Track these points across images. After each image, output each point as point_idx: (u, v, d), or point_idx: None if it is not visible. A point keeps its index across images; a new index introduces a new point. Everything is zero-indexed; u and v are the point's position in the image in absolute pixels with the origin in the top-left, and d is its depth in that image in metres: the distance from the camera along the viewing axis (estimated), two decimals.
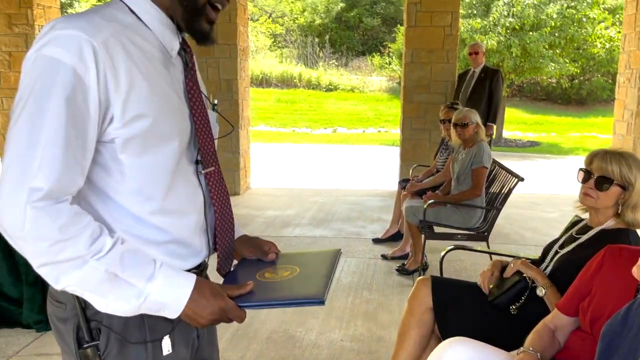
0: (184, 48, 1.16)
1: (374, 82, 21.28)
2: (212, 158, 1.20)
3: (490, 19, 13.16)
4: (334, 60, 22.88)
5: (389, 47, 21.72)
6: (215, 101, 1.33)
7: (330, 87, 20.95)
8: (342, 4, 24.89)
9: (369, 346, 3.03)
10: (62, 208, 0.96)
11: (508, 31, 12.89)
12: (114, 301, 1.01)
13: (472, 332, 1.87)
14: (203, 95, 1.20)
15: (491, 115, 6.21)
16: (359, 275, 4.15)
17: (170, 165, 1.09)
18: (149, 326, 1.10)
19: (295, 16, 25.61)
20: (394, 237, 4.96)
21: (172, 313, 1.06)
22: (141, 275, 1.02)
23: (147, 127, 1.03)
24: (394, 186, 6.33)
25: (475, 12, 13.74)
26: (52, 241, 0.94)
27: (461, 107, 4.57)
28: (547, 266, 2.15)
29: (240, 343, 3.06)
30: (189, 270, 1.14)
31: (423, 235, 4.01)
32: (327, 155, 12.20)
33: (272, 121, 17.04)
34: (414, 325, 2.20)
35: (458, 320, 2.15)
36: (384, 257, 4.54)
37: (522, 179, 3.76)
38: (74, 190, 0.99)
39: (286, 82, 20.97)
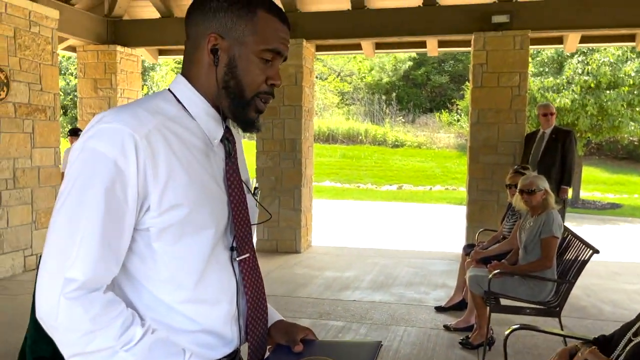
0: (227, 136, 1.17)
1: (442, 138, 21.10)
2: (248, 245, 1.18)
3: (564, 77, 12.80)
4: (400, 117, 23.00)
5: (457, 104, 21.59)
6: (257, 184, 1.32)
7: (396, 143, 20.98)
8: (409, 63, 25.21)
9: None
10: (96, 297, 0.96)
11: (583, 89, 12.47)
12: None
13: None
14: (243, 182, 1.20)
15: (565, 177, 5.93)
16: (419, 347, 3.93)
17: (204, 253, 1.08)
18: None
19: (363, 75, 26.17)
20: (458, 306, 4.71)
21: None
22: None
23: (183, 217, 1.03)
24: (461, 249, 6.10)
25: (547, 70, 13.43)
26: (83, 332, 0.94)
27: (530, 172, 4.37)
28: (619, 355, 1.93)
29: None
30: None
31: (488, 307, 3.77)
32: (391, 212, 12.04)
33: (337, 177, 17.16)
34: None
35: None
36: (447, 327, 4.30)
37: (597, 251, 3.49)
38: (109, 280, 1.00)
39: (352, 139, 21.21)
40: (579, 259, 3.68)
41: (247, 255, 1.18)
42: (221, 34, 1.09)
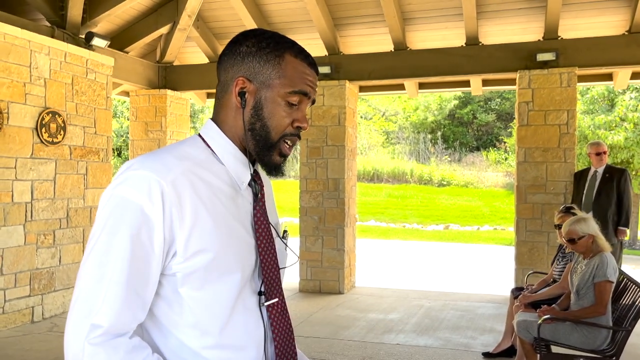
0: (255, 179, 1.18)
1: (490, 177, 20.68)
2: (277, 289, 1.17)
3: (616, 113, 12.41)
4: (446, 156, 22.74)
5: (505, 142, 21.20)
6: (286, 228, 1.32)
7: (442, 182, 20.69)
8: (455, 102, 25.10)
9: None
10: (120, 343, 0.97)
11: (637, 126, 12.03)
12: None
13: None
14: (271, 225, 1.20)
15: (623, 218, 5.67)
16: None
17: (230, 298, 1.07)
18: None
19: (408, 114, 26.19)
20: (508, 353, 4.50)
21: None
22: None
23: (208, 262, 1.04)
24: (509, 291, 5.87)
25: (597, 107, 13.07)
26: None
27: (579, 212, 4.20)
28: None
29: None
30: None
31: (539, 355, 3.58)
32: (437, 253, 11.77)
33: (382, 216, 17.00)
34: None
35: None
36: None
37: None
38: (134, 326, 1.01)
39: (397, 178, 21.08)
40: (636, 304, 3.47)
41: (276, 300, 1.17)
42: (249, 77, 1.12)
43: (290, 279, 7.40)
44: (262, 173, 1.22)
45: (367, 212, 16.88)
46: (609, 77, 7.15)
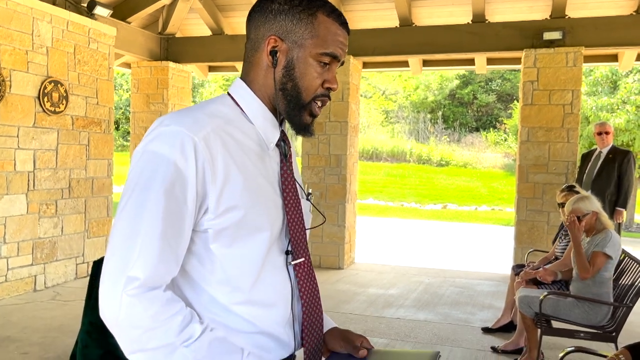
0: (283, 139, 1.18)
1: (488, 158, 20.71)
2: (303, 249, 1.18)
3: (618, 96, 12.39)
4: (446, 136, 22.72)
5: (505, 124, 21.18)
6: (310, 190, 1.32)
7: (441, 162, 20.71)
8: (456, 82, 24.98)
9: None
10: (156, 295, 0.98)
11: (639, 109, 12.02)
12: None
13: None
14: (298, 185, 1.20)
15: (621, 199, 5.69)
16: None
17: (259, 256, 1.08)
18: None
19: (409, 93, 26.08)
20: (507, 328, 4.56)
21: None
22: None
23: (239, 219, 1.04)
24: (509, 270, 5.93)
25: (600, 89, 13.03)
26: (144, 329, 0.96)
27: (581, 191, 4.22)
28: None
29: None
30: None
31: (539, 330, 3.63)
32: (436, 231, 11.84)
33: (381, 195, 17.05)
34: None
35: None
36: (494, 349, 4.16)
37: None
38: (169, 279, 1.01)
39: (396, 157, 21.08)
40: (637, 282, 3.51)
41: (303, 259, 1.18)
42: (281, 36, 1.10)
43: None
44: (289, 136, 1.22)
45: (366, 190, 16.92)
46: (614, 58, 7.11)
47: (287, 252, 1.15)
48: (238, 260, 1.06)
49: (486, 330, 4.63)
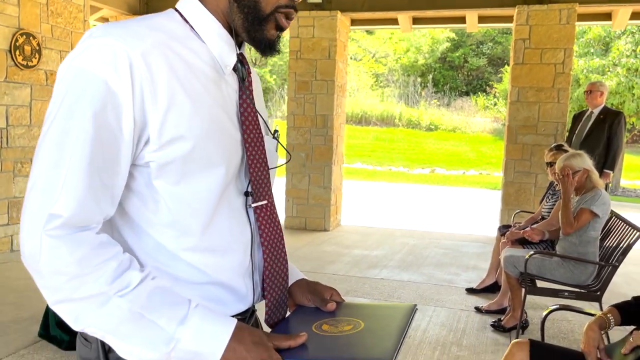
0: (242, 62, 1.03)
1: (478, 122, 20.60)
2: (265, 191, 1.04)
3: (610, 58, 12.24)
4: (435, 100, 22.53)
5: (495, 88, 21.00)
6: (277, 127, 1.18)
7: (430, 126, 20.58)
8: (447, 44, 24.62)
9: None
10: (84, 238, 0.84)
11: (630, 72, 11.90)
12: (138, 347, 0.86)
13: None
14: (261, 119, 1.06)
15: (609, 161, 5.60)
16: (448, 329, 3.78)
17: (212, 196, 0.94)
18: None
19: (399, 56, 25.69)
20: (491, 288, 4.53)
21: None
22: (172, 317, 0.86)
23: (186, 152, 0.90)
24: (494, 232, 5.89)
25: (592, 51, 12.85)
26: (70, 276, 0.82)
27: (570, 150, 4.12)
28: None
29: None
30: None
31: (523, 289, 3.58)
32: (423, 195, 11.80)
33: (369, 159, 16.95)
34: None
35: None
36: (478, 309, 4.13)
37: None
38: (100, 219, 0.87)
39: (386, 121, 20.90)
40: (623, 241, 3.45)
41: (265, 202, 1.04)
42: None
43: None
44: (250, 65, 1.07)
45: (354, 154, 16.80)
46: (608, 16, 6.92)
47: (246, 194, 1.02)
48: (187, 200, 0.92)
49: (470, 291, 4.60)
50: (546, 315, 2.53)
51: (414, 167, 16.32)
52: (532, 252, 3.53)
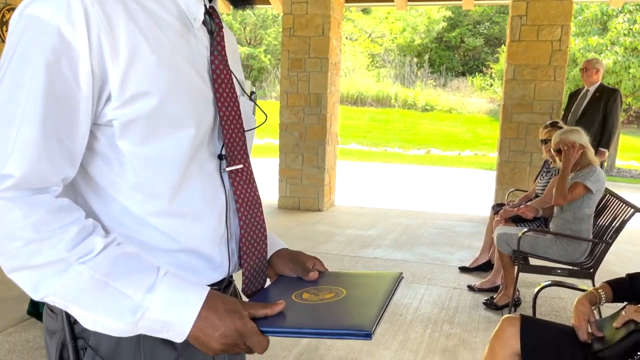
0: (211, 15, 0.96)
1: (474, 103, 20.51)
2: (242, 154, 0.99)
3: (607, 37, 12.13)
4: (431, 81, 22.39)
5: (491, 68, 20.87)
6: (254, 89, 1.12)
7: (426, 107, 20.48)
8: (443, 24, 24.38)
9: None
10: (41, 200, 0.78)
11: (627, 50, 11.80)
12: (103, 316, 0.81)
13: None
14: (234, 78, 0.99)
15: (604, 139, 5.56)
16: (440, 307, 3.77)
17: (181, 158, 0.88)
18: (146, 351, 0.89)
19: (395, 36, 25.45)
20: (484, 267, 4.52)
21: (177, 335, 0.83)
22: (139, 285, 0.81)
23: (152, 109, 0.83)
24: (489, 212, 5.87)
25: (590, 29, 12.73)
26: (25, 241, 0.77)
27: (565, 127, 4.07)
28: None
29: None
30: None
31: (516, 267, 3.56)
32: (418, 176, 11.77)
33: (364, 140, 16.87)
34: None
35: None
36: (471, 288, 4.12)
37: (638, 210, 3.22)
38: (58, 180, 0.81)
39: (381, 102, 20.78)
40: (617, 219, 3.42)
41: (240, 166, 0.99)
42: None
43: (269, 195, 7.31)
44: (224, 24, 1.01)
45: (349, 135, 16.71)
46: None
47: (220, 157, 0.96)
48: (154, 162, 0.86)
49: (463, 270, 4.59)
50: (538, 291, 2.50)
51: (409, 148, 16.26)
52: (525, 230, 3.50)
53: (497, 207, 4.55)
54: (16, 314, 3.30)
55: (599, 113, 5.54)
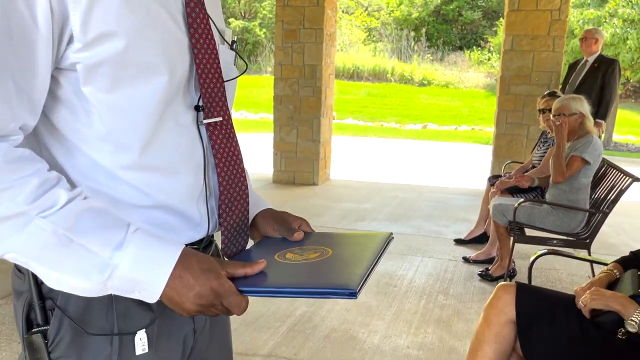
0: None
1: (471, 77, 20.34)
2: (220, 106, 0.91)
3: (606, 9, 11.95)
4: (429, 55, 22.16)
5: (489, 42, 20.64)
6: (235, 38, 1.04)
7: (423, 82, 20.31)
8: None
9: (439, 357, 2.66)
10: None
11: (625, 23, 11.65)
12: (67, 275, 0.75)
13: (566, 355, 1.47)
14: (212, 24, 0.92)
15: (601, 110, 5.49)
16: (435, 278, 3.75)
17: (154, 107, 0.81)
18: (119, 312, 0.84)
19: (392, 9, 25.09)
20: (479, 239, 4.49)
21: (150, 295, 0.78)
22: (107, 241, 0.75)
23: (119, 52, 0.76)
24: (485, 185, 5.83)
25: (589, 1, 12.55)
26: None
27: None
28: None
29: (295, 338, 2.80)
30: None
31: (512, 238, 3.53)
32: (415, 150, 11.71)
33: (360, 115, 16.75)
34: (491, 339, 1.81)
35: (547, 339, 1.74)
36: (466, 259, 4.10)
37: (637, 179, 3.18)
38: (16, 128, 0.74)
39: (378, 76, 20.58)
40: (615, 188, 3.37)
41: (219, 119, 0.92)
42: None
43: (264, 170, 7.25)
44: None
45: (345, 110, 16.57)
46: None
47: (197, 108, 0.89)
48: (124, 111, 0.79)
49: (459, 242, 4.56)
50: (534, 260, 2.47)
51: (406, 123, 16.16)
52: (521, 200, 3.46)
53: (494, 179, 4.50)
54: (7, 287, 3.26)
55: (596, 84, 5.46)
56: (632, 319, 1.54)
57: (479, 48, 21.83)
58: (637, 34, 11.52)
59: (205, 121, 0.90)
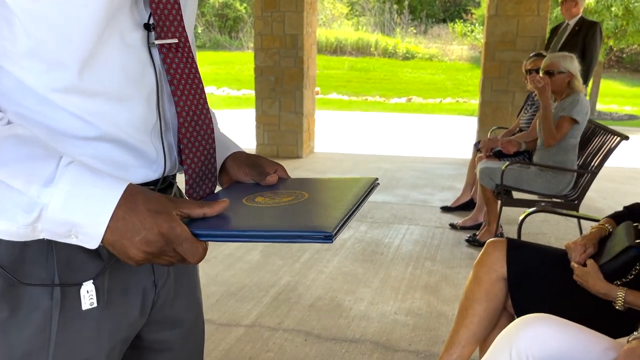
0: None
1: (455, 50, 20.20)
2: (175, 26, 0.79)
3: None
4: (412, 28, 21.93)
5: (473, 14, 20.47)
6: None
7: (407, 55, 20.13)
8: None
9: (427, 322, 2.59)
10: None
11: None
12: None
13: (558, 311, 1.40)
14: None
15: (582, 74, 5.41)
16: (422, 245, 3.68)
17: (91, 20, 0.69)
18: (60, 261, 0.73)
19: None
20: (466, 206, 4.43)
21: (89, 240, 0.66)
22: (33, 176, 0.64)
23: None
24: (471, 154, 5.76)
25: None
26: None
27: None
28: None
29: (279, 308, 2.71)
30: None
31: (499, 202, 3.47)
32: (399, 123, 11.61)
33: (344, 89, 16.56)
34: (481, 297, 1.74)
35: (539, 295, 1.67)
36: (453, 226, 4.03)
37: (626, 138, 3.11)
38: None
39: (361, 50, 20.35)
40: (603, 147, 3.31)
41: (174, 40, 0.80)
42: None
43: (247, 144, 7.10)
44: None
45: (329, 84, 16.37)
46: None
47: (146, 27, 0.77)
48: (53, 22, 0.67)
49: (445, 209, 4.50)
50: (523, 219, 2.39)
51: (390, 97, 16.02)
52: (508, 163, 3.38)
53: (479, 145, 4.42)
54: None
55: (577, 47, 5.36)
56: (618, 300, 1.49)
57: (462, 20, 21.65)
58: (622, 0, 11.44)
59: (157, 42, 0.78)
